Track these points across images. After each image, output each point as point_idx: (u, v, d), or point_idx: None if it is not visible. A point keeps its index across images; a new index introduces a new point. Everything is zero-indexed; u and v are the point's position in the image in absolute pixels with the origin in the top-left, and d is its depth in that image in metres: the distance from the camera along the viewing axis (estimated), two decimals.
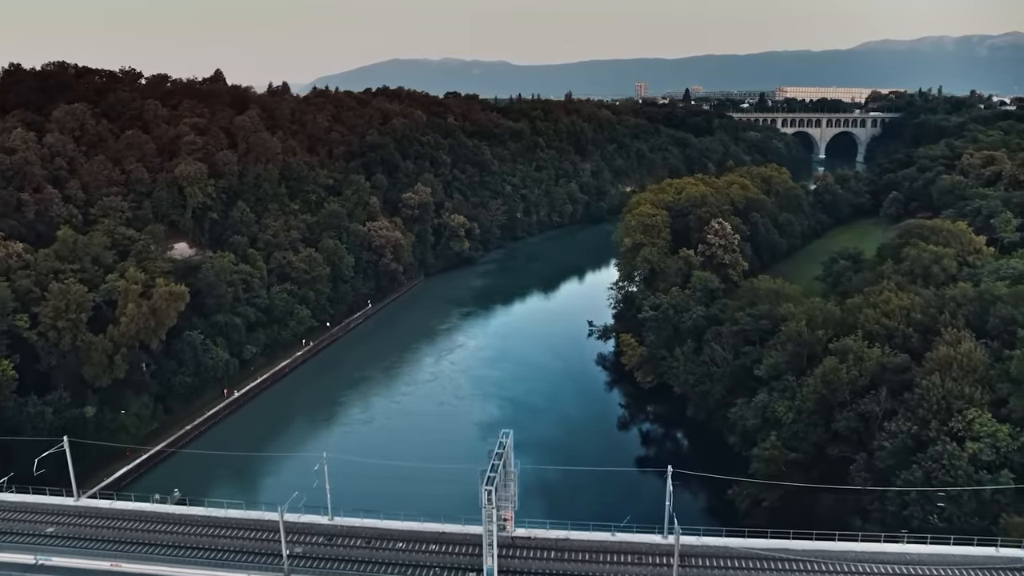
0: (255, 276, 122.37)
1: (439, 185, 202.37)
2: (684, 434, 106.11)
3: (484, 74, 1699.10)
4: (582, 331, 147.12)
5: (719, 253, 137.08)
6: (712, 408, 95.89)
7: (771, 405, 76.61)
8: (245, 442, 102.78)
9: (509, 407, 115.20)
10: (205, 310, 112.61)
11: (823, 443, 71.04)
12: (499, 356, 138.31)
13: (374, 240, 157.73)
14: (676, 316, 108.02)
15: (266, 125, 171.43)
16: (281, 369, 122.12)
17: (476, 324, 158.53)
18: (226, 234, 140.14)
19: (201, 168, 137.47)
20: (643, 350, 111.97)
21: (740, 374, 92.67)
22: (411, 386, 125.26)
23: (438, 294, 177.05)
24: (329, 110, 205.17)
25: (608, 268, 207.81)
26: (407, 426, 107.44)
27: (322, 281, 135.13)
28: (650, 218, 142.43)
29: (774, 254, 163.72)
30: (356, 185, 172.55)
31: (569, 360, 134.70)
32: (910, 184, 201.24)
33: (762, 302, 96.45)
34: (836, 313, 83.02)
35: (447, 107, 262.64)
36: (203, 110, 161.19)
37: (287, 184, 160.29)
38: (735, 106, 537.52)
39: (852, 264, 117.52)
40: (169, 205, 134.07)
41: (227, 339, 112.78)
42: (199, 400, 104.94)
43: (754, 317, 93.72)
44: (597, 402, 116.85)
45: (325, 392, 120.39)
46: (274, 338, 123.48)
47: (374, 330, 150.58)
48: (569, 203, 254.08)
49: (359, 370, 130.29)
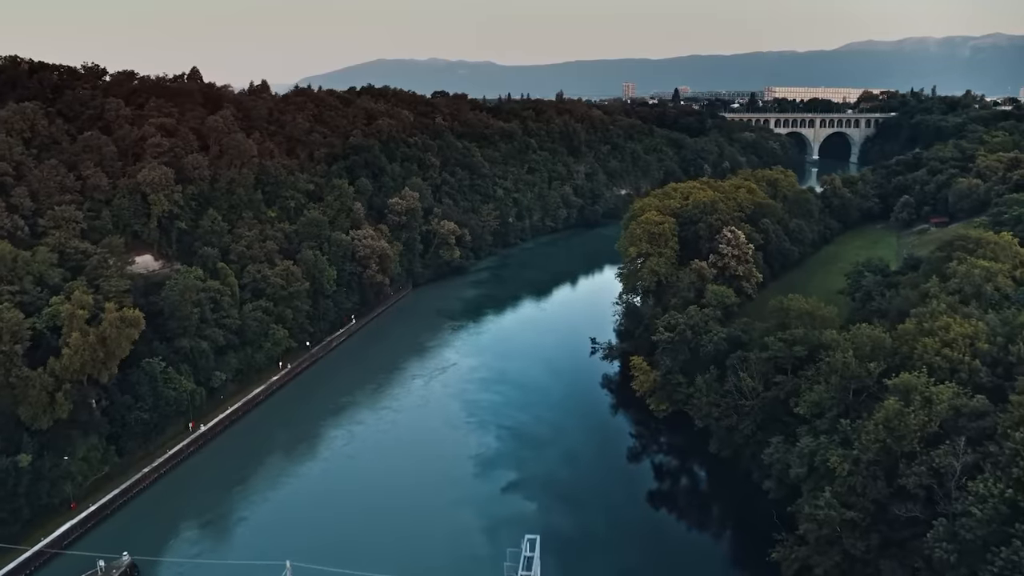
0: (225, 293, 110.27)
1: (427, 189, 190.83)
2: (706, 472, 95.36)
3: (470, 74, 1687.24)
4: (583, 347, 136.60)
5: (732, 264, 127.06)
6: (739, 445, 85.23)
7: (819, 451, 65.91)
8: (211, 484, 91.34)
9: (509, 439, 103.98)
10: (168, 333, 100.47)
11: (885, 500, 60.48)
12: (495, 377, 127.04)
13: (358, 250, 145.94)
14: (694, 338, 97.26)
15: (242, 126, 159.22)
16: (255, 397, 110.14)
17: (469, 339, 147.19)
18: (195, 245, 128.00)
19: (167, 173, 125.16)
20: (656, 375, 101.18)
21: (772, 407, 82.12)
22: (399, 413, 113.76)
23: (427, 306, 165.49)
24: (310, 110, 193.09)
25: (605, 273, 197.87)
26: (393, 470, 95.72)
27: (301, 297, 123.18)
28: (656, 226, 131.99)
29: (785, 263, 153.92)
30: (339, 190, 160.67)
31: (572, 382, 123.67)
32: (921, 187, 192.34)
33: (794, 324, 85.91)
34: (886, 341, 72.55)
35: (435, 107, 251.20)
36: (172, 110, 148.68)
37: (263, 189, 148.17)
38: (725, 106, 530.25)
39: (883, 278, 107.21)
40: (131, 214, 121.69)
41: (193, 366, 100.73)
42: (160, 437, 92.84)
43: (787, 343, 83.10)
44: (606, 433, 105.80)
45: (303, 422, 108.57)
46: (247, 362, 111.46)
47: (358, 348, 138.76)
48: (563, 207, 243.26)
49: (341, 395, 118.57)
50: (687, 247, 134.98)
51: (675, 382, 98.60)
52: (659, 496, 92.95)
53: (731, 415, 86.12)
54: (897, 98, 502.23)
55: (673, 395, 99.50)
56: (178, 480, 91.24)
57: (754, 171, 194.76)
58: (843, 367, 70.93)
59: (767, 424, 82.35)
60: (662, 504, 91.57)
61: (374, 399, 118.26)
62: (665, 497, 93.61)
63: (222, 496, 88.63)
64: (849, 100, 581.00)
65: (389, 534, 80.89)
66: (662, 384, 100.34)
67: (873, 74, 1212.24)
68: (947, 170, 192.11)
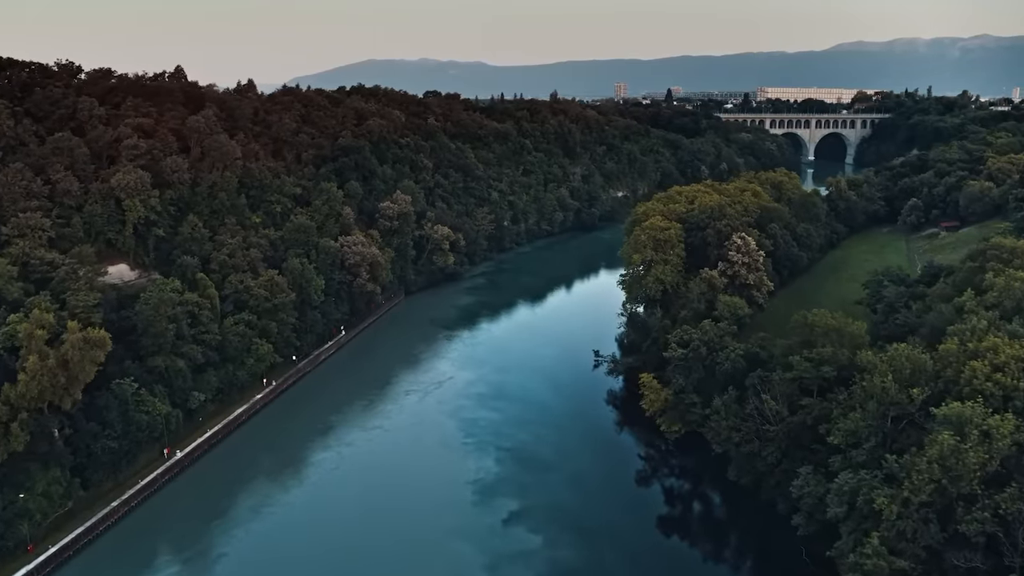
0: (204, 307, 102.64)
1: (420, 192, 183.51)
2: (723, 499, 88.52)
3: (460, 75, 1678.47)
4: (584, 358, 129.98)
5: (743, 272, 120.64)
6: (762, 473, 78.71)
7: (862, 489, 59.34)
8: (188, 516, 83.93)
9: (510, 462, 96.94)
10: (141, 351, 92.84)
11: (940, 547, 54.03)
12: (493, 392, 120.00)
13: (348, 258, 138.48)
14: (709, 355, 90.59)
15: (225, 126, 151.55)
16: (236, 418, 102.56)
17: (464, 351, 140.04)
18: (174, 253, 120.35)
19: (143, 177, 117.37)
20: (667, 393, 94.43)
21: (799, 433, 75.66)
22: (392, 432, 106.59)
23: (421, 315, 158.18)
24: (297, 110, 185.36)
25: (604, 279, 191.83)
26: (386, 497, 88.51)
27: (286, 309, 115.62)
28: (662, 232, 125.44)
29: (793, 270, 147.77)
30: (327, 194, 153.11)
31: (574, 398, 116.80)
32: (929, 190, 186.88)
33: (819, 342, 79.46)
34: (927, 363, 66.11)
35: (427, 107, 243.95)
36: (150, 109, 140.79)
37: (247, 194, 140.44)
38: (719, 107, 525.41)
39: (905, 289, 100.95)
40: (104, 221, 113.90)
41: (168, 386, 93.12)
42: (131, 466, 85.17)
43: (813, 363, 76.66)
44: (613, 455, 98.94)
45: (288, 445, 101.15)
46: (228, 380, 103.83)
47: (348, 362, 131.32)
48: (559, 210, 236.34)
49: (330, 413, 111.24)
50: (693, 254, 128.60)
51: (688, 402, 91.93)
52: (672, 524, 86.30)
53: (753, 440, 79.60)
54: (892, 98, 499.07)
55: (686, 416, 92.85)
56: (151, 513, 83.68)
57: (757, 173, 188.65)
58: (881, 393, 64.47)
59: (793, 451, 75.96)
60: (675, 532, 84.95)
61: (365, 417, 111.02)
62: (678, 525, 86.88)
63: (200, 530, 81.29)
64: (843, 101, 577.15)
65: (382, 570, 73.99)
66: (674, 404, 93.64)
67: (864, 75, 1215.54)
68: (955, 172, 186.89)
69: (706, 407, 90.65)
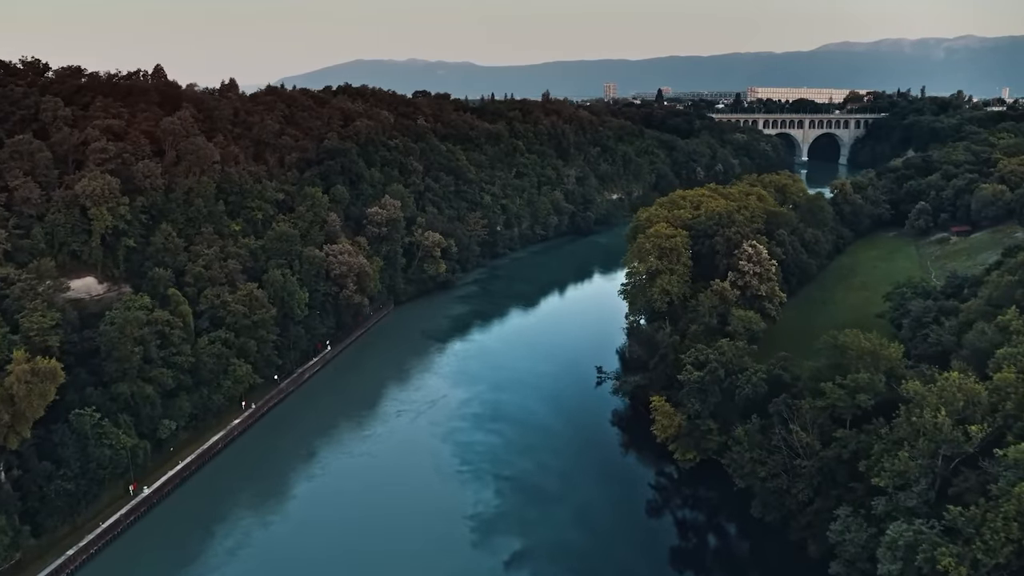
0: (176, 325, 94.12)
1: (410, 197, 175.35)
2: (744, 534, 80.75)
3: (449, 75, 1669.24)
4: (586, 373, 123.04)
5: (754, 283, 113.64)
6: (792, 511, 71.44)
7: (919, 543, 52.12)
8: (156, 562, 75.58)
9: (510, 493, 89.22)
10: (104, 377, 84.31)
11: None
12: (489, 412, 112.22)
13: (333, 268, 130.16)
14: (727, 377, 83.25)
15: (203, 128, 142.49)
16: (212, 447, 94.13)
17: (458, 366, 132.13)
18: (146, 265, 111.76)
19: (111, 183, 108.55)
20: (681, 418, 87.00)
21: (833, 469, 68.44)
22: (382, 459, 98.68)
23: (411, 327, 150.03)
24: (281, 110, 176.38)
25: (601, 285, 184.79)
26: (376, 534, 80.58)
27: (266, 325, 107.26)
28: (667, 240, 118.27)
29: (802, 278, 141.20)
30: (311, 199, 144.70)
31: (577, 419, 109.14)
32: (937, 193, 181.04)
33: (853, 366, 72.30)
34: (982, 395, 59.05)
35: (417, 107, 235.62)
36: (121, 110, 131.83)
37: (226, 200, 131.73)
38: (710, 107, 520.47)
39: (933, 303, 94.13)
40: (68, 231, 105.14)
41: (135, 415, 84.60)
42: (92, 507, 76.69)
43: (848, 390, 69.46)
44: (621, 484, 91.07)
45: (269, 474, 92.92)
46: (202, 405, 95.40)
47: (334, 379, 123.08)
48: (554, 214, 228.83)
49: (315, 436, 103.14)
50: (700, 263, 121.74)
51: (704, 428, 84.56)
52: (687, 561, 78.86)
53: (780, 475, 72.28)
54: (885, 99, 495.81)
55: (702, 443, 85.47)
56: (114, 559, 75.15)
57: (759, 176, 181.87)
58: (933, 429, 57.31)
59: (826, 488, 68.72)
60: (690, 570, 77.68)
61: (353, 442, 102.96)
62: (694, 562, 79.26)
63: None
64: (835, 101, 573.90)
65: None
66: (688, 430, 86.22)
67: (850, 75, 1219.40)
68: (963, 174, 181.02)
69: (724, 434, 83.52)
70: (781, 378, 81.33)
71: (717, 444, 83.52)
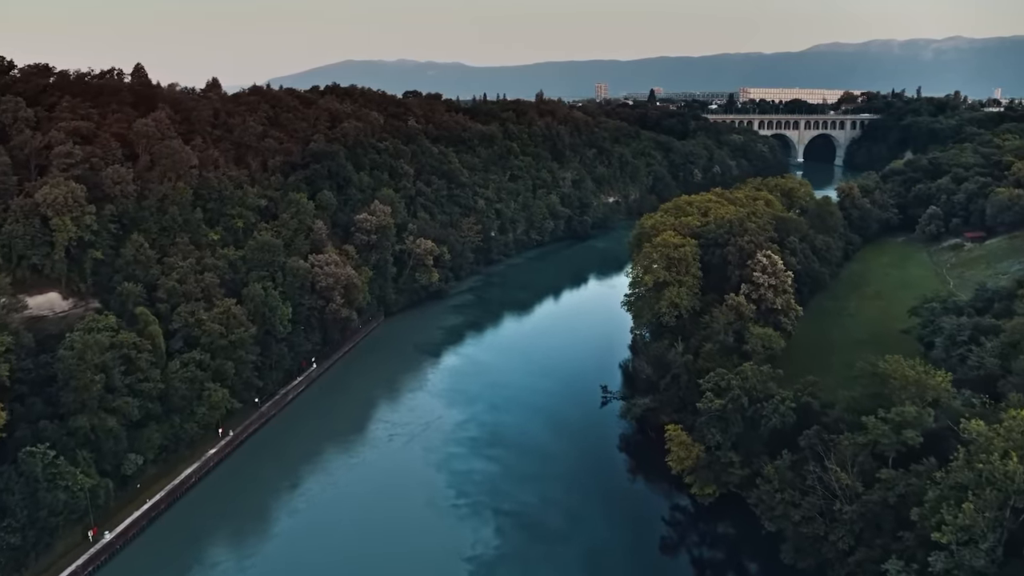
0: (144, 348, 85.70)
1: (401, 202, 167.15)
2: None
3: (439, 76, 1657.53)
4: (588, 391, 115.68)
5: (769, 296, 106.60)
6: (830, 560, 63.98)
7: None
8: None
9: (511, 531, 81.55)
10: (61, 408, 75.90)
11: None
12: (487, 436, 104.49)
13: (319, 279, 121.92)
14: (751, 406, 75.86)
15: (180, 130, 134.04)
16: (184, 481, 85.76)
17: (453, 382, 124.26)
18: (115, 279, 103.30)
19: (75, 190, 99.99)
20: (699, 449, 79.48)
21: (878, 514, 61.07)
22: (371, 489, 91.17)
23: (403, 341, 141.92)
24: (264, 111, 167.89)
25: (600, 292, 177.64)
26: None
27: (245, 345, 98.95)
28: (676, 249, 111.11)
29: (814, 288, 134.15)
30: (296, 206, 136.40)
31: (582, 444, 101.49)
32: (948, 197, 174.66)
33: (896, 395, 65.01)
34: None
35: (407, 108, 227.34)
36: (90, 111, 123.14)
37: (204, 207, 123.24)
38: (703, 107, 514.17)
39: (967, 320, 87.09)
40: (27, 243, 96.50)
41: (96, 450, 76.28)
42: (44, 558, 68.30)
43: (894, 426, 62.11)
44: (632, 520, 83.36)
45: (246, 509, 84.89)
46: (174, 435, 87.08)
47: (319, 400, 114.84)
48: (549, 218, 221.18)
49: (299, 463, 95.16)
50: (708, 273, 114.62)
51: (725, 461, 77.11)
52: None
53: (816, 518, 64.86)
54: (880, 99, 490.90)
55: (722, 476, 78.05)
56: None
57: (764, 179, 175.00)
58: (1003, 478, 50.03)
59: (870, 535, 61.34)
60: None
61: (340, 470, 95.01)
62: None
63: None
64: (828, 101, 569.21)
65: None
66: (707, 462, 78.73)
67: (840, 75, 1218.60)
68: (974, 178, 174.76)
69: (747, 467, 76.14)
70: (810, 406, 74.01)
71: (739, 478, 76.12)
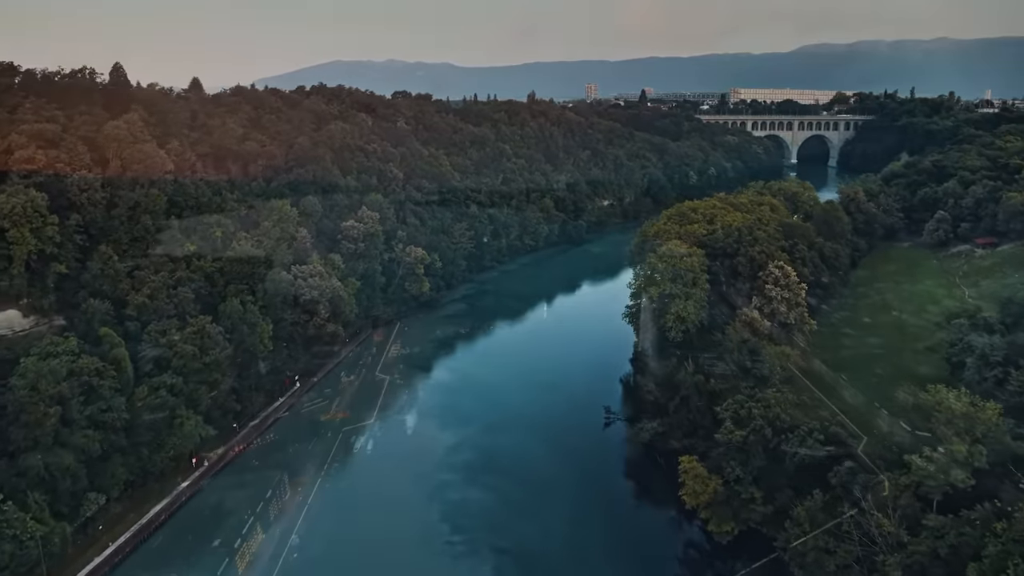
0: (107, 374, 78.11)
1: (389, 208, 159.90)
2: None
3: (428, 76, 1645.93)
4: (590, 410, 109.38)
5: (782, 310, 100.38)
6: None
7: None
8: None
9: (512, 571, 74.68)
10: (10, 445, 68.28)
11: None
12: (483, 461, 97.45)
13: (303, 292, 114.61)
14: (775, 437, 69.32)
15: (155, 133, 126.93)
16: (153, 519, 78.22)
17: (445, 401, 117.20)
18: (81, 293, 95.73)
19: (36, 198, 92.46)
20: (716, 483, 72.87)
21: (927, 567, 54.58)
22: (357, 522, 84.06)
23: (391, 354, 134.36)
24: (246, 113, 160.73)
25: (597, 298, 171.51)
26: None
27: (221, 368, 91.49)
28: (682, 260, 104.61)
29: (823, 297, 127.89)
30: (279, 213, 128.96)
31: (585, 470, 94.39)
32: (955, 201, 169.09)
33: (942, 431, 58.62)
34: None
35: (396, 109, 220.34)
36: (56, 112, 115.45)
37: (179, 215, 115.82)
38: (694, 108, 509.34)
39: (1000, 339, 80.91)
40: None
41: (51, 490, 68.72)
42: None
43: (940, 465, 55.67)
44: (643, 559, 76.41)
45: (221, 548, 77.33)
46: (141, 468, 79.62)
47: (303, 422, 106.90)
48: (544, 222, 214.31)
49: (279, 495, 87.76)
50: (716, 285, 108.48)
51: (746, 496, 70.54)
52: None
53: (852, 566, 58.35)
54: (873, 100, 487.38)
55: (742, 513, 71.46)
56: None
57: (767, 183, 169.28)
58: None
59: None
60: None
61: (324, 502, 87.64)
62: None
63: None
64: (820, 102, 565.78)
65: None
66: (725, 497, 72.13)
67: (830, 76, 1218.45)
68: (982, 181, 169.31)
69: (769, 503, 69.62)
70: (838, 436, 67.55)
71: (761, 515, 69.58)
